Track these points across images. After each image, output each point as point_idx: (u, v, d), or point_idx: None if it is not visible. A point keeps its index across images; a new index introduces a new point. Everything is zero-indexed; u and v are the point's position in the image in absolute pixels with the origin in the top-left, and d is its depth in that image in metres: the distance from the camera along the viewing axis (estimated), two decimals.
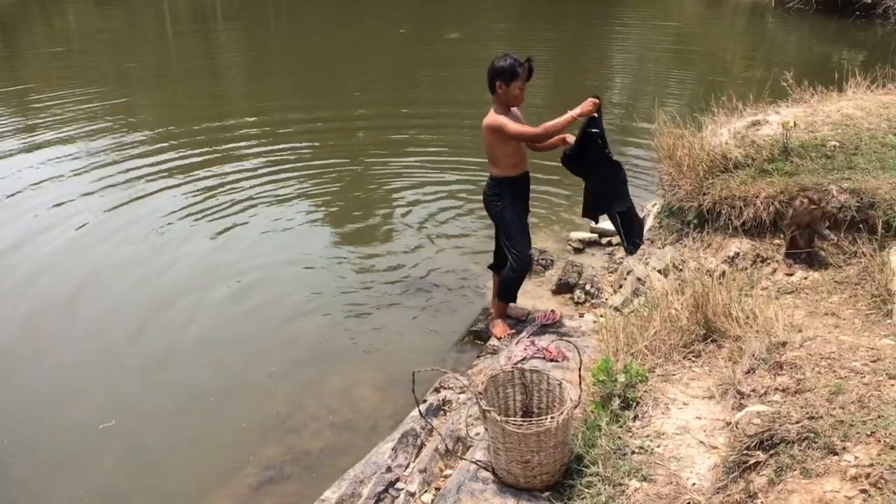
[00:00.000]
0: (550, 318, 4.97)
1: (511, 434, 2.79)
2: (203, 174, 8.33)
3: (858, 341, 3.11)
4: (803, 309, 4.03)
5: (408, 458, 3.79)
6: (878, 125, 5.30)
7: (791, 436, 2.51)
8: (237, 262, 6.35)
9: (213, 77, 14.24)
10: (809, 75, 6.40)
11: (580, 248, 6.55)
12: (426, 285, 6.00)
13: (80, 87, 12.52)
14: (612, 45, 17.00)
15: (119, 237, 6.82)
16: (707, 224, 5.20)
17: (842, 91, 6.25)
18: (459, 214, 7.35)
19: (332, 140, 9.85)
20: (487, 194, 4.78)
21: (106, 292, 5.89)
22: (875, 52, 12.79)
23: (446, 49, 16.07)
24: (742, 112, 5.91)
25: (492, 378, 3.16)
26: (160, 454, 4.23)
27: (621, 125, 9.90)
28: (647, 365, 3.42)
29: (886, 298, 3.90)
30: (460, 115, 10.29)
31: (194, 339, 5.30)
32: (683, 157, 5.31)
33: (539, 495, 2.87)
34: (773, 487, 2.41)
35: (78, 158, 8.88)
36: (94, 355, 5.10)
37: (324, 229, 7.16)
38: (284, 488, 3.95)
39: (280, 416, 4.50)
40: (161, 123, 10.41)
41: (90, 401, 4.64)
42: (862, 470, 2.27)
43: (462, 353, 5.06)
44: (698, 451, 2.88)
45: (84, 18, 21.84)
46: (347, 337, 5.32)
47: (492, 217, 4.88)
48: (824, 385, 2.70)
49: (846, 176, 4.78)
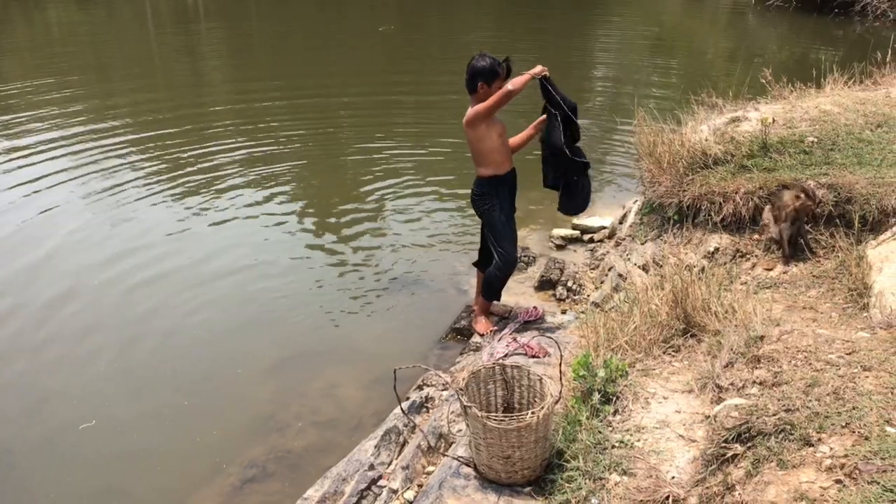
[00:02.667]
0: (533, 314, 4.99)
1: (492, 430, 2.80)
2: (182, 172, 8.29)
3: (835, 334, 3.15)
4: (781, 303, 4.08)
5: (390, 455, 3.80)
6: (855, 121, 5.37)
7: (768, 428, 2.54)
8: (217, 262, 6.32)
9: (195, 75, 14.17)
10: (788, 72, 6.46)
11: (562, 245, 6.58)
12: (409, 283, 6.00)
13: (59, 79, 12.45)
14: (594, 42, 17.06)
15: (97, 232, 6.80)
16: (687, 220, 5.24)
17: (820, 88, 6.32)
18: (443, 211, 7.36)
19: (313, 136, 9.83)
20: (475, 193, 4.78)
21: (85, 292, 5.84)
22: (853, 49, 12.90)
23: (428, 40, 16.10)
24: (722, 109, 5.96)
25: (473, 374, 3.17)
26: (142, 454, 4.20)
27: (602, 123, 9.95)
28: (627, 360, 3.44)
29: (863, 292, 3.95)
30: (443, 110, 10.32)
31: (176, 339, 5.27)
32: (664, 153, 5.35)
33: (520, 490, 2.89)
34: (750, 479, 2.43)
35: (57, 148, 8.86)
36: (72, 355, 5.06)
37: (305, 227, 7.13)
38: (268, 487, 3.95)
39: (263, 415, 4.49)
40: (141, 115, 10.37)
41: (69, 401, 4.61)
42: (837, 461, 2.30)
43: (445, 350, 5.07)
44: (678, 445, 2.91)
45: (65, 16, 21.68)
46: (330, 335, 5.32)
47: (479, 216, 4.88)
48: (801, 378, 2.73)
49: (824, 171, 4.84)
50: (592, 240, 6.57)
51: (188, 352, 5.12)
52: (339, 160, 8.97)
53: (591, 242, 6.56)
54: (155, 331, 5.33)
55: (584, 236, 6.65)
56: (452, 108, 9.70)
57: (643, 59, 14.78)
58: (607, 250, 6.16)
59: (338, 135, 10.07)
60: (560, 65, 13.72)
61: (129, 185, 7.91)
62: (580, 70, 13.96)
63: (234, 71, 14.57)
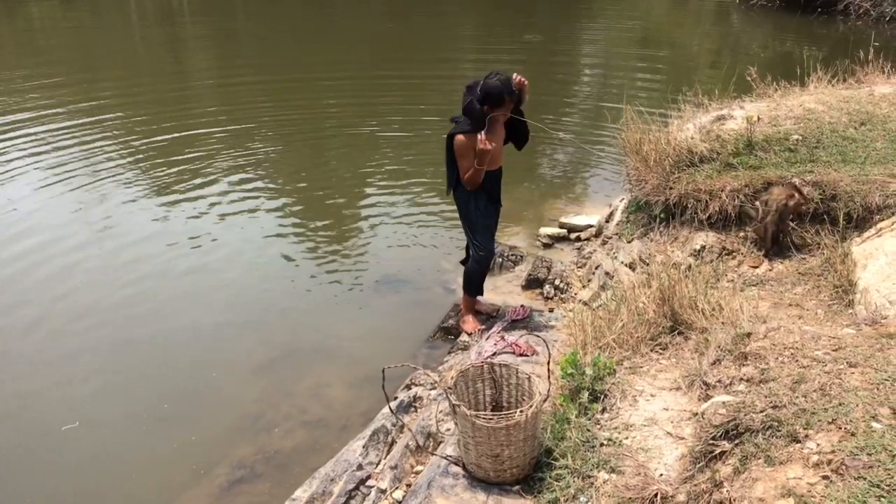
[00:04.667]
0: (520, 313, 4.99)
1: (481, 428, 2.80)
2: (166, 171, 8.25)
3: (821, 331, 3.16)
4: (768, 300, 4.10)
5: (379, 455, 3.79)
6: (839, 119, 5.40)
7: (755, 425, 2.55)
8: (204, 262, 6.29)
9: (180, 74, 14.09)
10: (773, 71, 6.50)
11: (549, 244, 6.59)
12: (397, 282, 5.99)
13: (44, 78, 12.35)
14: (581, 41, 17.10)
15: (77, 230, 6.76)
16: (674, 218, 5.26)
17: (804, 86, 6.36)
18: (430, 210, 7.35)
19: (298, 134, 9.81)
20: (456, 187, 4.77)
21: (68, 293, 5.80)
22: (836, 48, 13.01)
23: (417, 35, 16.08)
24: (707, 107, 5.99)
25: (461, 373, 3.17)
26: (129, 455, 4.18)
27: (589, 121, 9.97)
28: (614, 358, 3.45)
29: (848, 289, 3.98)
30: (430, 106, 10.31)
31: (162, 340, 5.24)
32: (650, 152, 5.37)
33: (509, 489, 2.89)
34: (738, 476, 2.44)
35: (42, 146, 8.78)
36: (55, 357, 5.02)
37: (290, 226, 7.11)
38: (256, 487, 3.94)
39: (251, 415, 4.48)
40: (127, 115, 10.31)
41: (51, 403, 4.57)
42: (824, 457, 2.31)
43: (433, 350, 5.07)
44: (666, 442, 2.92)
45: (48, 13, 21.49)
46: (318, 335, 5.30)
47: (458, 208, 4.87)
48: (787, 374, 2.75)
49: (809, 169, 4.87)
50: (579, 238, 6.59)
51: (174, 353, 5.09)
52: (324, 159, 8.94)
53: (579, 241, 6.58)
54: (140, 331, 5.29)
55: (572, 235, 6.67)
56: (439, 107, 9.73)
57: (630, 59, 14.82)
58: (594, 248, 6.18)
59: (322, 133, 10.03)
60: (546, 63, 13.77)
61: (110, 185, 7.86)
62: (566, 68, 13.99)
63: (218, 67, 14.49)
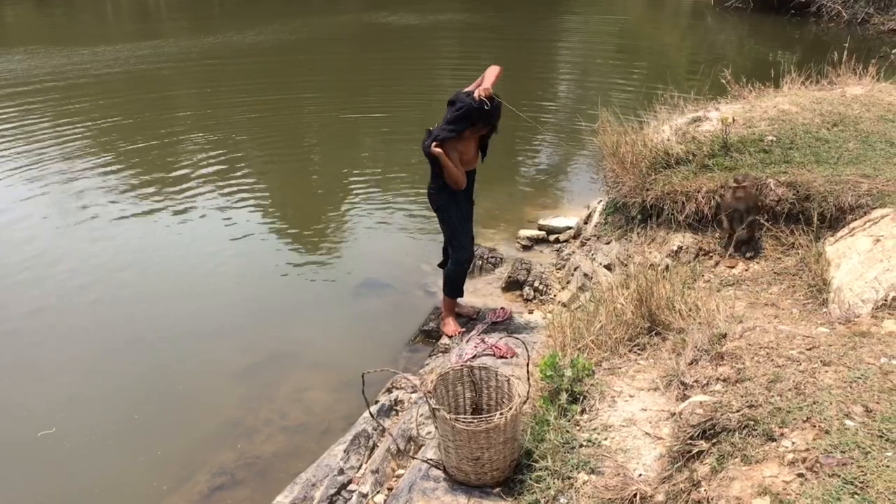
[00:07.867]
0: (501, 315, 5.01)
1: (461, 432, 2.81)
2: (140, 178, 8.21)
3: (796, 330, 3.20)
4: (744, 300, 4.14)
5: (360, 459, 3.79)
6: (812, 120, 5.47)
7: (732, 424, 2.58)
8: (181, 268, 6.25)
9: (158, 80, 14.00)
10: (747, 72, 6.57)
11: (529, 246, 6.62)
12: (377, 286, 5.99)
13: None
14: (557, 42, 17.18)
15: (57, 231, 6.72)
16: (651, 219, 5.30)
17: (778, 87, 6.43)
18: (409, 213, 7.35)
19: (277, 134, 9.78)
20: (431, 188, 4.78)
21: (48, 300, 5.74)
22: (809, 50, 13.16)
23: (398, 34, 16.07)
24: (683, 109, 6.03)
25: (441, 377, 3.17)
26: (108, 462, 4.15)
27: (565, 124, 10.02)
28: (593, 359, 3.47)
29: (822, 288, 4.03)
30: (409, 106, 10.30)
31: (142, 346, 5.19)
32: (627, 153, 5.40)
33: (490, 491, 2.90)
34: (715, 475, 2.47)
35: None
36: (34, 363, 4.98)
37: (269, 231, 7.09)
38: (236, 494, 3.92)
39: (231, 420, 4.46)
40: (105, 118, 10.22)
41: (27, 409, 4.52)
42: (799, 455, 2.34)
43: (414, 353, 5.07)
44: (644, 443, 2.94)
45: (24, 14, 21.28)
46: (298, 339, 5.29)
47: (435, 211, 4.88)
48: (763, 374, 2.78)
49: (783, 170, 4.92)
50: (558, 240, 6.63)
51: (153, 359, 5.05)
52: (304, 163, 8.91)
53: (557, 243, 6.61)
54: (121, 338, 5.25)
55: (550, 237, 6.70)
56: (419, 108, 9.74)
57: (606, 61, 14.93)
58: (573, 250, 6.21)
59: (301, 137, 10.01)
60: (521, 64, 13.82)
61: (86, 190, 7.80)
62: (542, 70, 14.05)
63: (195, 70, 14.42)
